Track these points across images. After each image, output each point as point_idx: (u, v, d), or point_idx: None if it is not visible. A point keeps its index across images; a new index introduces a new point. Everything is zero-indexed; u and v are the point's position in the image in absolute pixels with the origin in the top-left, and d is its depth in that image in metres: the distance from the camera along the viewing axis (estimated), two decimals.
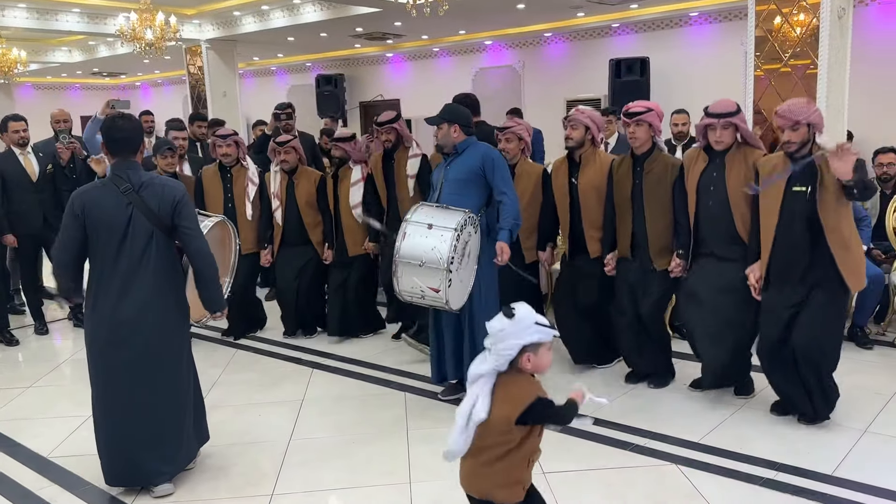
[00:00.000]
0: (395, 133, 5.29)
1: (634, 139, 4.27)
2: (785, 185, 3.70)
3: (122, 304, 3.14)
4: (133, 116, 3.37)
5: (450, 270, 3.83)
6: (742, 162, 3.95)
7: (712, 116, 3.96)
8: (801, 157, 3.65)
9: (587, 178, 4.54)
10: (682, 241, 4.19)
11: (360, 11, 9.29)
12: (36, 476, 3.57)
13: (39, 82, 17.10)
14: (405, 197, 5.25)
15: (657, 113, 4.27)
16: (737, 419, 3.96)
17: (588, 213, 4.56)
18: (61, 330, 6.36)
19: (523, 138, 4.88)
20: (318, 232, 5.59)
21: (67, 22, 10.09)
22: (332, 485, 3.39)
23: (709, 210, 4.04)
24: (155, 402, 3.25)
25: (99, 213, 3.12)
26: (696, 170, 4.10)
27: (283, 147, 5.48)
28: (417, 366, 4.89)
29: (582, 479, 3.37)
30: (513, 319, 2.25)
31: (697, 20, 10.00)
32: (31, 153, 6.03)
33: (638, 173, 4.32)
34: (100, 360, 3.23)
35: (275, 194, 5.57)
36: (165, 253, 3.21)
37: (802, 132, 3.63)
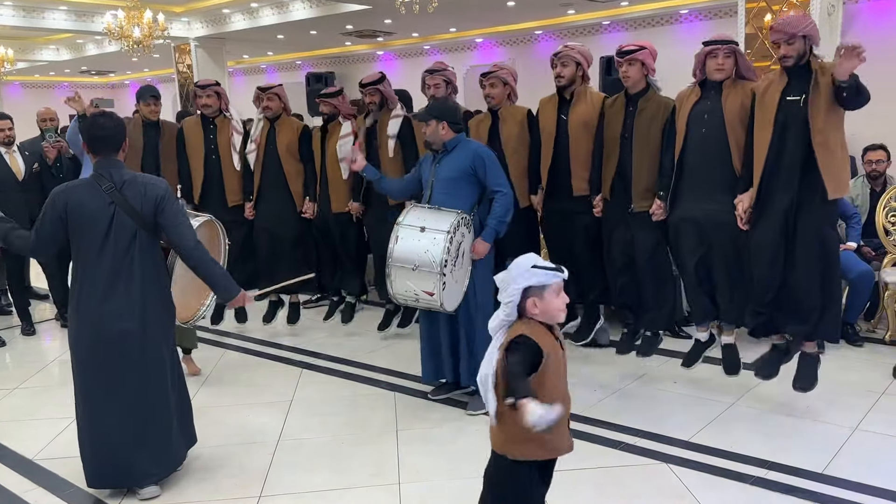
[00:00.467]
0: (379, 95, 5.24)
1: (627, 78, 4.24)
2: (779, 97, 3.69)
3: (106, 303, 3.11)
4: (114, 114, 3.32)
5: (444, 273, 3.80)
6: (740, 90, 3.92)
7: (714, 43, 3.94)
8: (800, 72, 3.64)
9: (578, 115, 4.51)
10: (664, 182, 4.14)
11: (350, 9, 9.26)
12: (21, 479, 3.53)
13: (27, 81, 16.99)
14: (385, 156, 5.20)
15: (650, 51, 4.24)
16: (727, 418, 3.96)
17: (577, 149, 4.52)
18: (48, 331, 6.30)
19: (508, 83, 4.80)
20: (299, 182, 5.50)
21: (55, 20, 10.03)
22: (321, 486, 3.36)
23: (702, 138, 3.97)
24: (140, 403, 3.21)
25: (82, 212, 3.08)
26: (688, 103, 4.04)
27: (267, 93, 5.43)
28: (408, 366, 4.86)
29: (573, 478, 3.33)
30: (511, 265, 2.28)
31: (688, 17, 10.01)
32: (17, 152, 5.97)
33: (630, 112, 4.27)
34: (84, 360, 3.19)
35: (254, 138, 5.49)
36: (149, 252, 3.18)
37: (798, 45, 3.62)
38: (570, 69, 4.49)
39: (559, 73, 4.50)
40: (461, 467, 3.49)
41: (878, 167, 5.49)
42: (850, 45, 3.41)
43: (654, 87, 4.29)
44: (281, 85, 5.63)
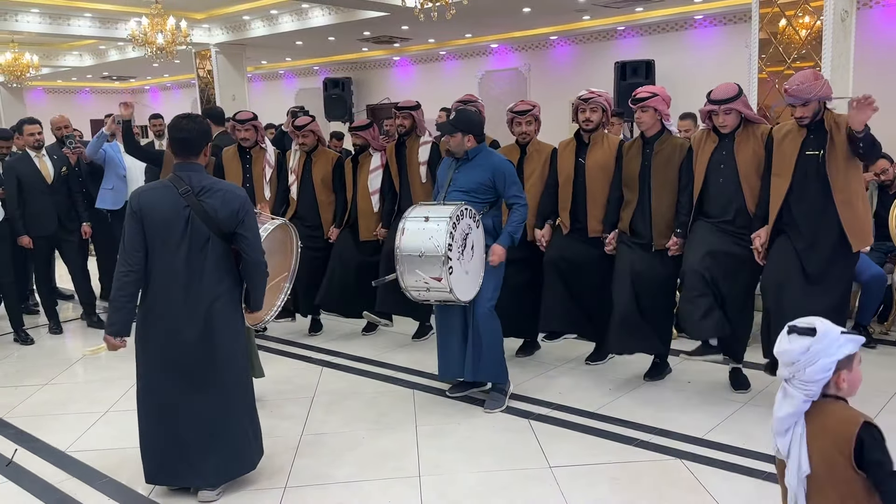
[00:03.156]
0: (411, 119, 5.46)
1: (641, 123, 4.38)
2: (798, 150, 3.83)
3: (176, 306, 3.10)
4: (198, 117, 3.29)
5: (448, 258, 3.87)
6: (751, 137, 4.08)
7: (714, 103, 4.08)
8: (817, 127, 3.78)
9: (595, 159, 4.62)
10: (682, 220, 4.28)
11: (369, 15, 9.39)
12: (55, 470, 3.66)
13: (50, 86, 17.27)
14: (417, 182, 5.41)
15: (663, 97, 4.36)
16: (741, 415, 4.02)
17: (594, 192, 4.63)
18: (75, 329, 6.46)
19: (539, 119, 4.95)
20: (330, 212, 5.75)
21: (80, 27, 10.24)
22: (344, 478, 3.47)
23: (719, 187, 4.14)
24: (210, 408, 3.20)
25: (157, 214, 3.07)
26: (706, 150, 4.20)
27: (302, 131, 5.68)
28: (426, 363, 4.97)
29: (588, 473, 3.43)
30: (817, 336, 1.88)
31: (702, 23, 10.06)
32: (46, 156, 6.14)
33: (647, 154, 4.41)
34: (152, 362, 3.18)
35: (292, 169, 5.77)
36: (223, 257, 3.15)
37: (813, 106, 3.77)
38: (597, 114, 4.61)
39: (588, 117, 4.60)
40: (479, 461, 3.58)
41: (885, 176, 5.50)
42: (863, 96, 3.54)
43: (668, 130, 4.47)
44: (314, 119, 5.86)
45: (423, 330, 5.73)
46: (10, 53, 11.51)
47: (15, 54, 11.52)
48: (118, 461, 3.67)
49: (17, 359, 5.69)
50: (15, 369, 5.46)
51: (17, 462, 3.74)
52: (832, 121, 3.76)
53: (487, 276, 4.21)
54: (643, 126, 4.38)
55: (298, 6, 9.87)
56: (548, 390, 4.50)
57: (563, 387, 4.56)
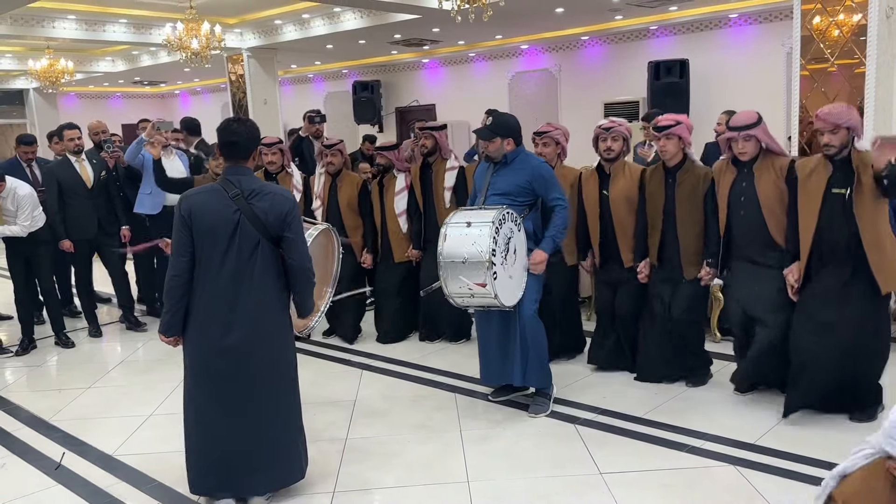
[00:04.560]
0: (433, 140, 5.45)
1: (665, 153, 4.37)
2: (825, 187, 3.79)
3: (224, 312, 3.05)
4: (248, 120, 3.27)
5: (492, 263, 3.83)
6: (770, 169, 4.03)
7: (733, 129, 4.06)
8: (844, 164, 3.75)
9: (618, 190, 4.60)
10: (711, 251, 4.30)
11: (400, 18, 9.37)
12: (104, 473, 3.68)
13: (82, 91, 17.50)
14: (442, 208, 5.42)
15: (686, 126, 4.36)
16: (792, 421, 3.93)
17: (620, 224, 4.62)
18: (114, 333, 6.51)
19: (560, 143, 4.95)
20: (359, 235, 5.71)
21: (115, 32, 10.34)
22: (393, 483, 3.45)
23: (742, 219, 4.12)
24: (258, 417, 3.15)
25: (205, 218, 3.03)
26: (725, 181, 4.18)
27: (331, 150, 5.67)
28: (466, 367, 4.93)
29: (640, 479, 3.38)
30: None
31: (737, 21, 9.92)
32: (86, 160, 6.21)
33: (670, 185, 4.41)
34: (199, 369, 3.14)
35: (317, 195, 5.73)
36: (271, 262, 3.10)
37: (842, 135, 3.71)
38: (618, 143, 4.59)
39: (609, 146, 4.58)
40: (528, 467, 3.54)
41: None
42: (887, 136, 3.53)
43: (690, 159, 4.42)
44: (342, 141, 5.87)
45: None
46: (46, 59, 11.66)
47: (50, 60, 11.67)
48: (165, 465, 3.68)
49: (58, 362, 5.74)
50: (57, 373, 5.52)
51: (65, 465, 3.76)
52: (860, 160, 3.71)
53: (530, 280, 4.17)
54: (667, 155, 4.36)
55: (330, 10, 9.88)
56: (591, 395, 4.44)
57: (606, 391, 4.50)
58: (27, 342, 5.93)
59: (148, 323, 6.51)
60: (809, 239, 3.83)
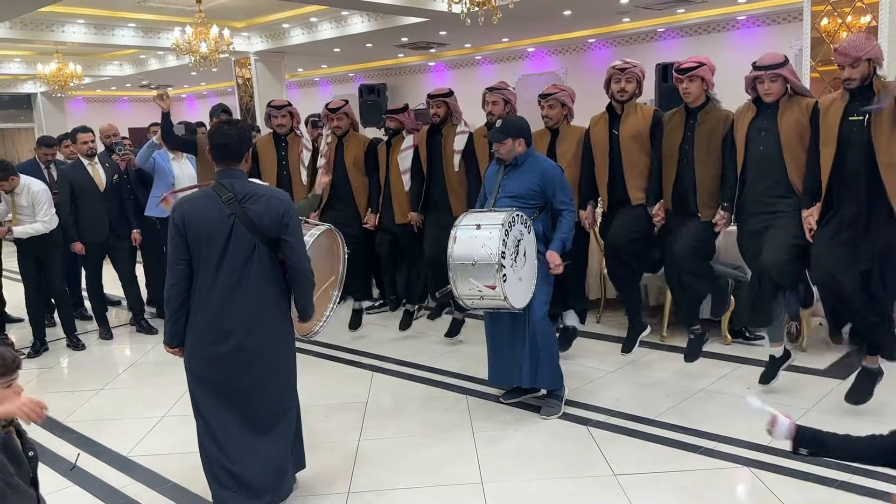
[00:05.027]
0: (445, 107, 5.44)
1: (688, 94, 4.32)
2: (841, 114, 3.73)
3: (222, 318, 2.98)
4: (239, 122, 3.13)
5: (502, 265, 3.83)
6: (795, 107, 3.98)
7: (760, 69, 4.01)
8: (863, 92, 3.67)
9: (629, 127, 4.58)
10: (728, 194, 4.25)
11: (407, 21, 9.41)
12: (119, 474, 3.70)
13: (90, 95, 17.59)
14: (451, 170, 5.40)
15: (709, 66, 4.33)
16: (805, 422, 3.87)
17: (630, 162, 4.59)
18: (125, 335, 6.53)
19: (566, 104, 4.93)
20: (364, 196, 5.75)
21: (123, 36, 10.42)
22: (407, 484, 3.45)
23: (759, 155, 4.06)
24: (258, 422, 3.09)
25: (200, 224, 2.95)
26: (745, 119, 4.13)
27: (336, 113, 5.69)
28: (476, 368, 4.93)
29: (655, 481, 3.38)
30: None
31: (746, 23, 9.93)
32: (99, 164, 6.24)
33: (690, 125, 4.37)
34: (200, 377, 3.07)
35: (323, 154, 5.72)
36: (269, 266, 3.01)
37: (862, 68, 3.65)
38: (632, 85, 4.59)
39: (623, 87, 4.57)
40: (542, 469, 3.55)
41: None
42: None
43: (713, 101, 4.39)
44: (347, 103, 5.87)
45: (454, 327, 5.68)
46: (55, 63, 11.74)
47: (59, 64, 11.75)
48: (180, 466, 3.69)
49: (70, 365, 5.77)
50: (69, 375, 5.55)
51: (80, 466, 3.77)
52: (881, 85, 3.64)
53: (541, 282, 4.17)
54: (690, 97, 4.31)
55: (338, 13, 9.93)
56: (602, 396, 4.44)
57: (617, 393, 4.49)
58: (39, 344, 5.96)
59: (158, 326, 6.53)
60: (828, 173, 3.77)
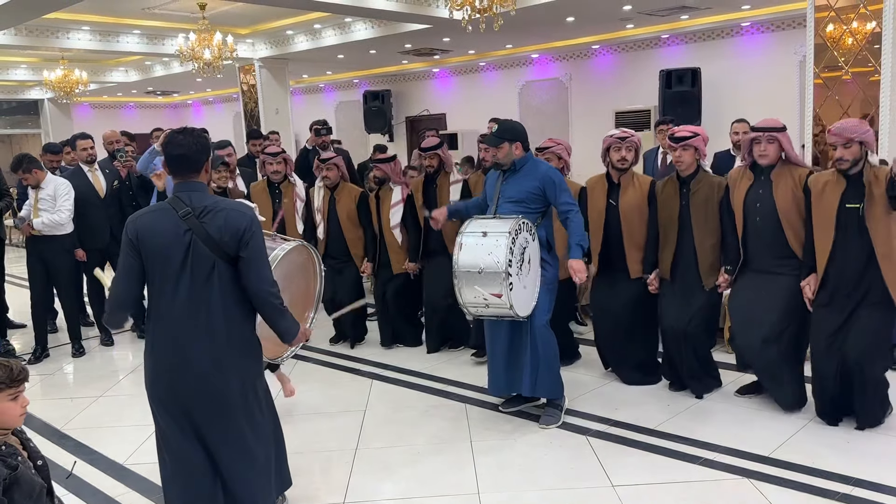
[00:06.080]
0: (437, 159, 5.53)
1: (680, 163, 4.37)
2: (839, 202, 3.79)
3: (183, 341, 2.74)
4: (194, 130, 2.94)
5: (509, 274, 3.82)
6: (788, 177, 4.03)
7: (758, 130, 4.08)
8: (858, 179, 3.75)
9: (628, 200, 4.59)
10: (730, 258, 4.28)
11: (411, 28, 9.41)
12: (114, 482, 3.69)
13: (96, 101, 17.65)
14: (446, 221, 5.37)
15: (703, 138, 4.39)
16: (806, 434, 3.89)
17: (631, 234, 4.59)
18: (126, 341, 6.53)
19: (562, 157, 4.98)
20: (360, 246, 5.78)
21: (128, 43, 10.45)
22: (403, 494, 3.43)
23: (757, 226, 4.11)
24: (228, 447, 2.85)
25: (155, 240, 2.71)
26: (741, 187, 4.18)
27: (326, 164, 5.73)
28: (476, 377, 4.91)
29: (653, 492, 3.34)
30: None
31: (749, 30, 9.89)
32: (99, 170, 6.25)
33: (685, 194, 4.40)
34: (162, 402, 2.83)
35: (318, 209, 5.80)
36: (231, 286, 2.77)
37: (855, 150, 3.72)
38: (632, 154, 4.59)
39: (624, 156, 4.57)
40: (539, 479, 3.52)
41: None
42: None
43: (703, 169, 4.45)
44: (339, 155, 5.97)
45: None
46: (61, 70, 11.78)
47: (65, 71, 11.79)
48: None
49: (70, 371, 5.77)
50: (69, 382, 5.55)
51: (76, 474, 3.75)
52: (872, 175, 3.71)
53: (543, 290, 4.15)
54: (682, 166, 4.36)
55: (341, 20, 9.94)
56: (603, 406, 4.41)
57: (618, 402, 4.46)
58: (40, 350, 5.96)
59: None
60: (826, 254, 3.83)
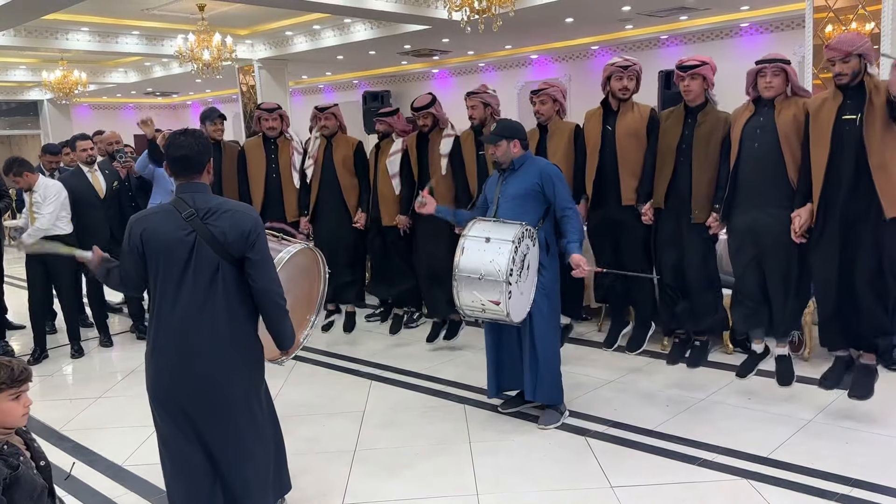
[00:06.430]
0: (431, 117, 5.48)
1: (689, 92, 4.30)
2: (835, 115, 3.72)
3: (183, 343, 2.75)
4: (196, 131, 2.95)
5: (509, 283, 3.82)
6: (793, 105, 3.98)
7: (763, 62, 4.02)
8: (855, 92, 3.67)
9: (625, 125, 4.56)
10: (719, 196, 4.23)
11: (410, 29, 9.42)
12: (113, 484, 3.69)
13: (96, 102, 17.66)
14: (437, 173, 5.41)
15: (711, 66, 4.31)
16: (805, 434, 3.89)
17: (625, 159, 4.56)
18: (125, 342, 6.53)
19: (557, 99, 4.92)
20: (354, 196, 5.76)
21: (127, 44, 10.47)
22: (402, 495, 3.43)
23: (754, 153, 4.04)
24: (228, 450, 2.86)
25: (158, 242, 2.73)
26: (742, 118, 4.12)
27: (324, 112, 5.71)
28: (475, 377, 4.91)
29: (652, 493, 3.34)
30: None
31: (748, 30, 9.90)
32: (98, 171, 6.25)
33: (689, 124, 4.34)
34: (164, 405, 2.83)
35: (311, 154, 5.74)
36: (235, 287, 2.78)
37: (854, 63, 3.66)
38: (633, 83, 4.58)
39: (625, 86, 4.55)
40: (538, 480, 3.52)
41: None
42: None
43: (712, 102, 4.38)
44: (337, 105, 5.90)
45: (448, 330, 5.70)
46: (60, 71, 11.79)
47: (64, 72, 11.80)
48: None
49: (69, 372, 5.77)
50: (68, 383, 5.55)
51: (75, 476, 3.75)
52: (872, 84, 3.64)
53: (547, 294, 4.14)
54: (691, 95, 4.29)
55: (341, 21, 9.95)
56: (602, 407, 4.41)
57: (617, 403, 4.46)
58: (39, 351, 5.96)
59: None
60: (821, 174, 3.77)
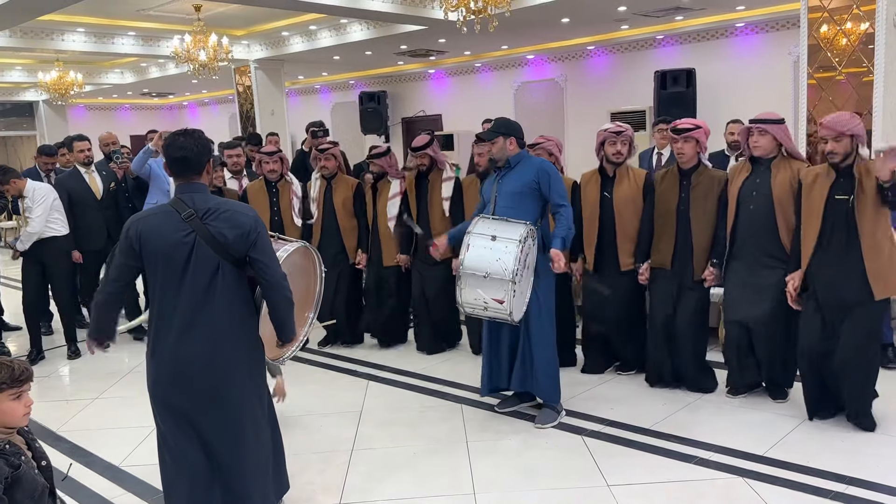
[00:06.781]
0: (429, 158, 5.54)
1: (682, 155, 4.40)
2: (827, 193, 3.79)
3: (183, 343, 2.75)
4: (195, 132, 2.96)
5: (515, 282, 3.84)
6: (787, 169, 4.09)
7: (752, 122, 4.15)
8: (848, 172, 3.76)
9: (623, 192, 4.63)
10: (718, 251, 4.34)
11: (406, 29, 9.42)
12: (110, 485, 3.68)
13: (91, 103, 17.63)
14: (437, 216, 5.47)
15: (705, 130, 4.42)
16: (800, 433, 3.91)
17: (624, 226, 4.64)
18: (121, 343, 6.51)
19: (553, 153, 4.99)
20: (353, 237, 5.79)
21: (123, 45, 10.45)
22: (399, 495, 3.43)
23: (750, 214, 4.14)
24: (227, 449, 2.86)
25: (157, 243, 2.73)
26: (739, 178, 4.23)
27: (324, 154, 5.76)
28: (471, 377, 4.91)
29: (648, 491, 3.35)
30: None
31: (744, 30, 9.93)
32: (95, 172, 6.25)
33: (685, 186, 4.43)
34: (164, 404, 2.84)
35: (314, 198, 5.82)
36: (235, 287, 2.79)
37: (845, 143, 3.74)
38: (627, 147, 4.64)
39: (619, 150, 4.62)
40: (535, 479, 3.52)
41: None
42: (890, 146, 3.53)
43: (704, 163, 4.47)
44: (337, 144, 5.98)
45: None
46: (56, 71, 11.77)
47: (60, 73, 11.78)
48: None
49: (66, 373, 5.76)
50: (65, 384, 5.54)
51: (72, 477, 3.74)
52: (863, 168, 3.73)
53: (544, 293, 4.17)
54: (684, 158, 4.39)
55: (337, 21, 9.95)
56: (598, 406, 4.42)
57: (613, 402, 4.47)
58: (35, 353, 5.95)
59: None
60: (812, 246, 3.84)
